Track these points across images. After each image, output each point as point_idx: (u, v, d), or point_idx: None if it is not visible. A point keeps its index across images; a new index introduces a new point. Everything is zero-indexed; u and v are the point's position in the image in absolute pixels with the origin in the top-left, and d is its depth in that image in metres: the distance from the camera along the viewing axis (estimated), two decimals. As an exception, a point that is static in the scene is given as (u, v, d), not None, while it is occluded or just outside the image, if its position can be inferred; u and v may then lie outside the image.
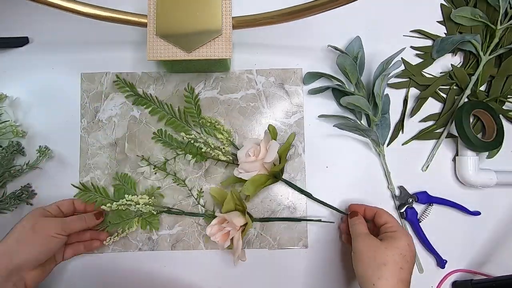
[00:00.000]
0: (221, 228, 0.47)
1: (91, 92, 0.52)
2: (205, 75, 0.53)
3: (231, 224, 0.46)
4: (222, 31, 0.44)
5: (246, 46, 0.54)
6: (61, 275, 0.50)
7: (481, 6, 0.53)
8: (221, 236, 0.47)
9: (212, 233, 0.47)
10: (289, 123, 0.53)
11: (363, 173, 0.52)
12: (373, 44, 0.53)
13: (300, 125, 0.53)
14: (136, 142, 0.52)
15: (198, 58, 0.44)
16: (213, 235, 0.47)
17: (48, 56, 0.53)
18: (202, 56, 0.44)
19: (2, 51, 0.53)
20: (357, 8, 0.54)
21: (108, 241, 0.48)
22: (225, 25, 0.44)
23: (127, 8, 0.44)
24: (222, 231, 0.47)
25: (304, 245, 0.51)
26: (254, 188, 0.46)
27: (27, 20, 0.54)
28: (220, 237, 0.47)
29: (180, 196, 0.51)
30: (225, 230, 0.46)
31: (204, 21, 0.44)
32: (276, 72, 0.53)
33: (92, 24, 0.54)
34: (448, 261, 0.51)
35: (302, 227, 0.51)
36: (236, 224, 0.46)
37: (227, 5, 0.44)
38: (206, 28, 0.44)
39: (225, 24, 0.44)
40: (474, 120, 0.53)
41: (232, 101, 0.53)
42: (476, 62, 0.53)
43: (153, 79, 0.53)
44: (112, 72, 0.53)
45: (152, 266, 0.51)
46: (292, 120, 0.53)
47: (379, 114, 0.51)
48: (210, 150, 0.48)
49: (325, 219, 0.51)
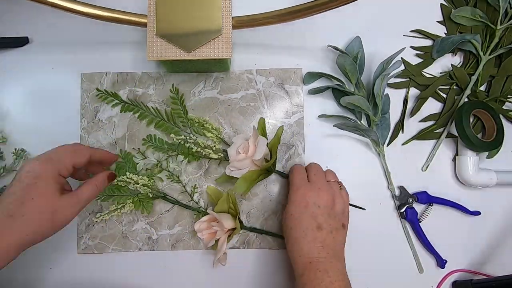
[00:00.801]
0: (210, 227, 0.47)
1: (91, 92, 0.52)
2: (205, 75, 0.53)
3: (220, 225, 0.46)
4: (222, 31, 0.44)
5: (246, 46, 0.54)
6: (60, 274, 0.50)
7: (481, 6, 0.53)
8: (208, 234, 0.47)
9: (200, 229, 0.48)
10: (289, 123, 0.53)
11: (363, 173, 0.52)
12: (373, 44, 0.53)
13: (300, 125, 0.53)
14: (136, 142, 0.52)
15: (198, 58, 0.44)
16: (200, 231, 0.48)
17: (48, 56, 0.53)
18: (202, 56, 0.44)
19: (2, 51, 0.53)
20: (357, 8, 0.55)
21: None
22: (225, 25, 0.44)
23: (127, 8, 0.44)
24: (209, 229, 0.47)
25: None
26: (246, 185, 0.46)
27: (27, 20, 0.54)
28: (206, 235, 0.47)
29: (180, 196, 0.51)
30: (213, 229, 0.47)
31: (204, 21, 0.44)
32: (276, 72, 0.53)
33: (92, 24, 0.54)
34: (448, 261, 0.51)
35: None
36: (225, 226, 0.46)
37: (227, 5, 0.44)
38: (206, 28, 0.44)
39: (225, 24, 0.44)
40: (474, 120, 0.53)
41: (232, 101, 0.53)
42: (476, 62, 0.53)
43: (153, 79, 0.53)
44: (112, 72, 0.53)
45: (152, 266, 0.51)
46: (292, 120, 0.53)
47: (379, 114, 0.51)
48: (200, 149, 0.49)
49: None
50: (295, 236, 0.42)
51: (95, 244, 0.50)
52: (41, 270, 0.50)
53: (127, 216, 0.51)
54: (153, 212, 0.51)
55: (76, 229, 0.50)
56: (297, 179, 0.45)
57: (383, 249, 0.51)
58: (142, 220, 0.51)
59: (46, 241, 0.49)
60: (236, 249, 0.51)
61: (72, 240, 0.50)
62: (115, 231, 0.51)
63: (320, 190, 0.44)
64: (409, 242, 0.51)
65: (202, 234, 0.47)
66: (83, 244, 0.50)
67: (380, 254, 0.51)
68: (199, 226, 0.48)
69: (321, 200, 0.43)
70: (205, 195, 0.51)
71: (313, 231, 0.41)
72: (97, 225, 0.50)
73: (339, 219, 0.44)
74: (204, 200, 0.51)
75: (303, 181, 0.45)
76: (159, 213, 0.51)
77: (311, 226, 0.42)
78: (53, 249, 0.50)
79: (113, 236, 0.50)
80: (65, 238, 0.50)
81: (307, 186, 0.44)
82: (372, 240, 0.51)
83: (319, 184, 0.44)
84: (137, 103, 0.52)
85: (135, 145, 0.52)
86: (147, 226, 0.51)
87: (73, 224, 0.50)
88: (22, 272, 0.50)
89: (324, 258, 0.40)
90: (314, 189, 0.44)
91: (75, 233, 0.50)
